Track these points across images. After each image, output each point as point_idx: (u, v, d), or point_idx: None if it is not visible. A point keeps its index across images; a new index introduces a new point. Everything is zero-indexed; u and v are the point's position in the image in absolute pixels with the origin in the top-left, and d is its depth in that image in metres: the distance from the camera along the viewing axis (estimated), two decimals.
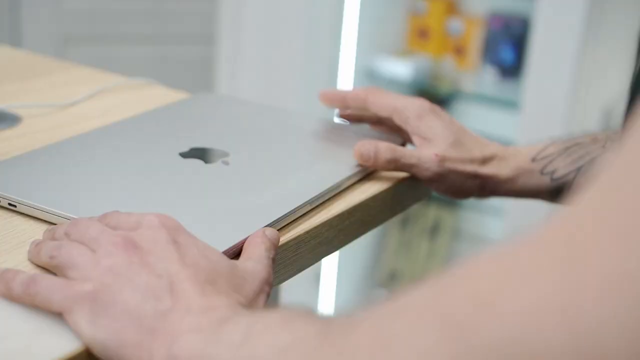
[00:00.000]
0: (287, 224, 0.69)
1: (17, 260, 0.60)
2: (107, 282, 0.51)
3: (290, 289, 2.12)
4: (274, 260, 0.60)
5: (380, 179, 0.80)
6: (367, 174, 0.79)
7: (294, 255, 0.68)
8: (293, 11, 1.99)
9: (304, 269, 0.70)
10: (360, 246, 2.29)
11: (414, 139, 0.80)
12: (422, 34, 2.16)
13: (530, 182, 0.80)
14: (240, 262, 0.58)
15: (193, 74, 2.30)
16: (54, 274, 0.56)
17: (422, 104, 0.81)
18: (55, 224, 0.63)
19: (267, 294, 0.56)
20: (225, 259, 0.56)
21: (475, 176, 0.79)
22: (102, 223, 0.57)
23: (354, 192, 0.76)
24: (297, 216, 0.69)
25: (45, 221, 0.66)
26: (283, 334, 0.45)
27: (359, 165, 0.78)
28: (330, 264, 2.22)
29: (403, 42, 2.20)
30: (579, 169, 0.79)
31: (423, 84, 2.15)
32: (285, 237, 0.67)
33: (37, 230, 0.63)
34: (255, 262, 0.58)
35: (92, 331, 0.50)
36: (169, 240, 0.54)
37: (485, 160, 0.80)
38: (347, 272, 2.26)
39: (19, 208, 0.67)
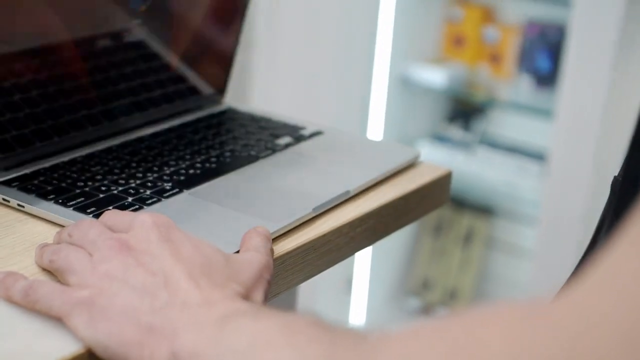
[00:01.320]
0: (294, 230, 0.69)
1: (27, 263, 0.61)
2: (103, 286, 0.53)
3: (322, 295, 2.12)
4: (272, 250, 0.61)
5: (394, 187, 0.80)
6: (379, 181, 0.79)
7: (302, 262, 0.69)
8: (328, 18, 2.00)
9: (312, 276, 0.71)
10: (393, 253, 2.28)
11: None
12: (457, 41, 2.15)
13: None
14: (238, 254, 0.59)
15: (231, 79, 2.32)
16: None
17: None
18: (64, 226, 0.65)
19: (267, 281, 0.57)
20: (221, 252, 0.56)
21: None
22: (101, 222, 0.59)
23: (366, 199, 0.77)
24: (300, 222, 0.69)
25: (55, 223, 0.67)
26: (286, 352, 0.45)
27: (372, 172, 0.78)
28: (362, 270, 2.21)
29: (438, 49, 2.19)
30: None
31: (458, 92, 2.14)
32: (294, 244, 0.68)
33: (51, 233, 0.65)
34: (254, 250, 0.59)
35: (92, 335, 0.51)
36: (162, 238, 0.55)
37: None
38: (379, 280, 2.26)
39: (27, 209, 0.68)
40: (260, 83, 2.10)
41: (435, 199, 0.84)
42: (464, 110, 2.22)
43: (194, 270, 0.53)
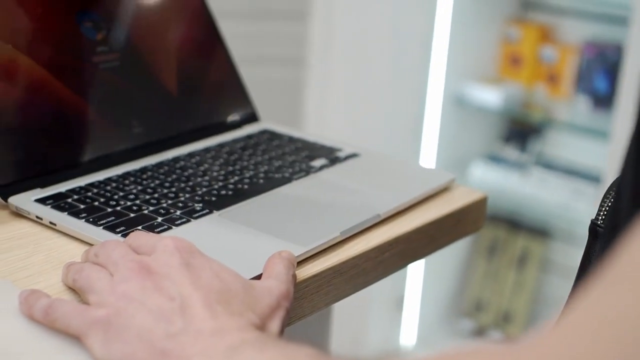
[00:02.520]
0: (321, 253, 0.69)
1: (53, 280, 0.62)
2: (121, 307, 0.53)
3: (372, 314, 2.11)
4: (294, 277, 0.61)
5: (427, 211, 0.79)
6: (412, 205, 0.79)
7: (327, 285, 0.68)
8: (382, 36, 2.00)
9: (338, 300, 0.70)
10: (445, 273, 2.26)
11: None
12: (514, 61, 2.13)
13: None
14: (258, 281, 0.59)
15: (283, 95, 2.33)
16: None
17: None
18: (92, 245, 0.66)
19: (285, 310, 0.57)
20: (241, 279, 0.56)
21: None
22: (126, 244, 0.60)
23: (396, 223, 0.76)
24: (327, 246, 0.69)
25: (85, 242, 0.68)
26: None
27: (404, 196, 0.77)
28: (413, 289, 2.20)
29: (494, 69, 2.17)
30: None
31: (514, 112, 2.11)
32: (319, 267, 0.68)
33: (80, 251, 0.66)
34: (274, 279, 0.59)
35: (107, 355, 0.52)
36: (182, 263, 0.55)
37: None
38: (431, 299, 2.23)
39: (59, 227, 0.69)
40: (313, 102, 2.11)
41: (469, 224, 0.83)
42: (519, 131, 2.19)
43: (212, 298, 0.53)
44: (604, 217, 0.63)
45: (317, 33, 2.06)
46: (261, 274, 0.61)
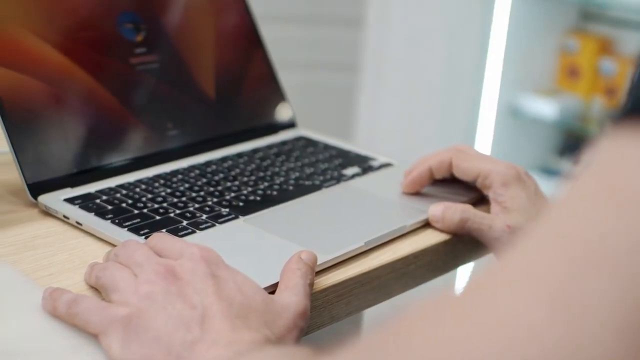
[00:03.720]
0: (344, 263, 0.68)
1: (76, 280, 0.63)
2: (142, 308, 0.54)
3: None
4: (311, 285, 0.61)
5: None
6: None
7: (348, 296, 0.68)
8: (436, 44, 1.98)
9: (359, 311, 0.70)
10: None
11: (493, 205, 0.76)
12: (572, 72, 2.09)
13: None
14: (277, 294, 0.59)
15: (336, 101, 2.33)
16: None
17: (509, 170, 0.77)
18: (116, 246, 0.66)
19: (300, 329, 0.57)
20: (262, 293, 0.56)
21: None
22: (149, 245, 0.60)
23: (424, 235, 0.75)
24: (350, 256, 0.69)
25: (109, 243, 0.69)
26: None
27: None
28: None
29: (551, 80, 2.13)
30: None
31: (569, 124, 2.08)
32: (340, 277, 0.67)
33: (104, 251, 0.66)
34: (292, 293, 0.58)
35: (123, 355, 0.52)
36: (208, 273, 0.56)
37: None
38: None
39: (84, 227, 0.70)
40: (365, 108, 2.10)
41: None
42: (575, 144, 2.15)
43: (232, 311, 0.53)
44: None
45: (371, 40, 2.05)
46: (278, 282, 0.61)
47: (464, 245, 0.77)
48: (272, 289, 0.61)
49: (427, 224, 0.76)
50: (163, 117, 0.85)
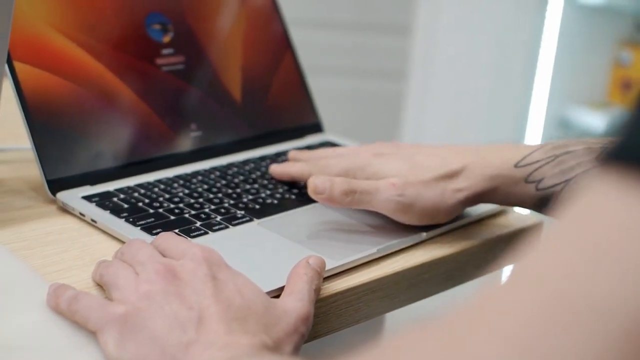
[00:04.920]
0: (354, 269, 0.67)
1: (83, 277, 0.63)
2: (140, 307, 0.54)
3: None
4: (317, 290, 0.60)
5: (475, 234, 0.76)
6: (460, 227, 0.76)
7: (357, 302, 0.67)
8: (485, 53, 1.96)
9: (369, 318, 0.69)
10: None
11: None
12: (625, 85, 2.05)
13: (513, 191, 0.71)
14: (280, 299, 0.58)
15: (382, 108, 2.32)
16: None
17: (363, 156, 0.75)
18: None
19: (301, 335, 0.56)
20: (263, 297, 0.56)
21: (444, 195, 0.71)
22: (154, 245, 0.60)
23: (441, 244, 0.74)
24: (361, 262, 0.68)
25: (121, 241, 0.69)
26: None
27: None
28: None
29: (603, 93, 2.09)
30: (567, 182, 0.69)
31: None
32: (349, 283, 0.66)
33: (115, 250, 0.66)
34: (296, 298, 0.58)
35: (118, 353, 0.52)
36: (208, 275, 0.55)
37: (453, 175, 0.72)
38: None
39: (99, 225, 0.70)
40: (411, 116, 2.09)
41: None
42: None
43: (230, 313, 0.53)
44: None
45: (419, 48, 2.04)
46: (284, 286, 0.60)
47: (482, 255, 0.76)
48: (277, 293, 0.60)
49: (444, 234, 0.75)
50: (187, 118, 0.85)
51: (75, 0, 0.80)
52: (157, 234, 0.68)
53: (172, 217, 0.72)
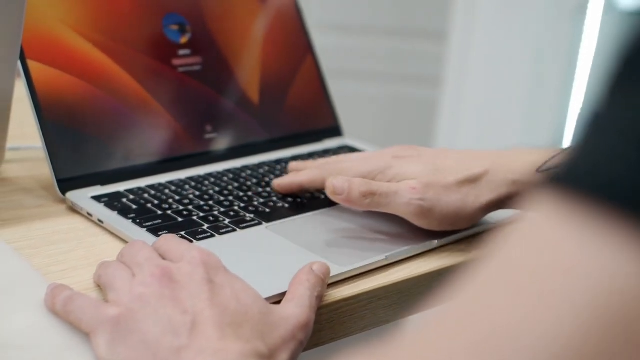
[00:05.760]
0: (362, 276, 0.66)
1: (84, 277, 0.62)
2: (133, 309, 0.53)
3: None
4: (319, 297, 0.59)
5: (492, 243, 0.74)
6: (472, 235, 0.74)
7: (363, 310, 0.65)
8: (521, 60, 1.93)
9: (374, 327, 0.67)
10: None
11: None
12: None
13: None
14: (280, 305, 0.57)
15: (417, 113, 2.30)
16: None
17: (382, 159, 0.73)
18: None
19: (299, 342, 0.55)
20: (260, 302, 0.55)
21: (466, 200, 0.69)
22: (155, 247, 0.59)
23: (451, 252, 0.72)
24: (368, 269, 0.66)
25: (127, 242, 0.68)
26: None
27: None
28: None
29: None
30: None
31: None
32: (356, 290, 0.65)
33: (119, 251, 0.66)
34: (296, 305, 0.57)
35: (108, 356, 0.52)
36: (205, 278, 0.54)
37: (475, 179, 0.70)
38: None
39: (105, 225, 0.70)
40: (445, 122, 2.06)
41: None
42: None
43: (225, 319, 0.52)
44: None
45: (454, 53, 2.02)
46: (286, 292, 0.59)
47: None
48: (279, 299, 0.59)
49: (457, 241, 0.73)
50: (202, 119, 0.85)
51: (92, 1, 0.80)
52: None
53: (180, 219, 0.71)
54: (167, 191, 0.76)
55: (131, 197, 0.74)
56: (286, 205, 0.76)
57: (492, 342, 0.28)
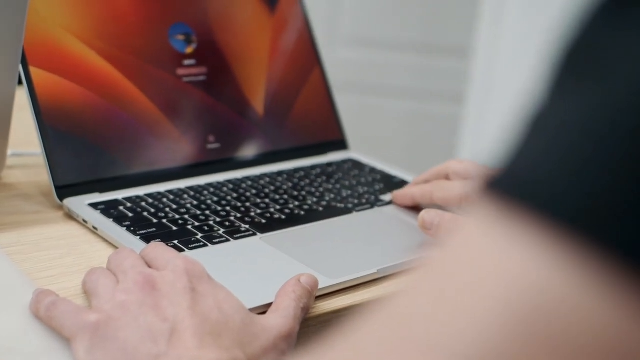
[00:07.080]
0: (352, 289, 0.65)
1: (74, 283, 0.62)
2: (113, 316, 0.53)
3: None
4: (305, 309, 0.58)
5: None
6: None
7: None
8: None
9: None
10: None
11: None
12: None
13: None
14: (264, 315, 0.57)
15: (440, 131, 2.29)
16: None
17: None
18: None
19: (280, 352, 0.55)
20: (243, 312, 0.55)
21: None
22: (142, 254, 0.59)
23: None
24: (359, 282, 0.66)
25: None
26: None
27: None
28: None
29: None
30: None
31: None
32: (345, 302, 0.64)
33: None
34: (279, 315, 0.57)
35: None
36: (188, 287, 0.54)
37: None
38: None
39: (100, 232, 0.70)
40: (468, 139, 2.05)
41: None
42: None
43: (205, 327, 0.52)
44: None
45: (478, 70, 2.01)
46: (272, 303, 0.59)
47: None
48: (265, 309, 0.59)
49: None
50: (205, 129, 0.85)
51: (97, 8, 0.80)
52: None
53: (175, 228, 0.71)
54: (165, 200, 0.76)
55: (128, 205, 0.74)
56: (283, 217, 0.75)
57: (410, 345, 0.28)
